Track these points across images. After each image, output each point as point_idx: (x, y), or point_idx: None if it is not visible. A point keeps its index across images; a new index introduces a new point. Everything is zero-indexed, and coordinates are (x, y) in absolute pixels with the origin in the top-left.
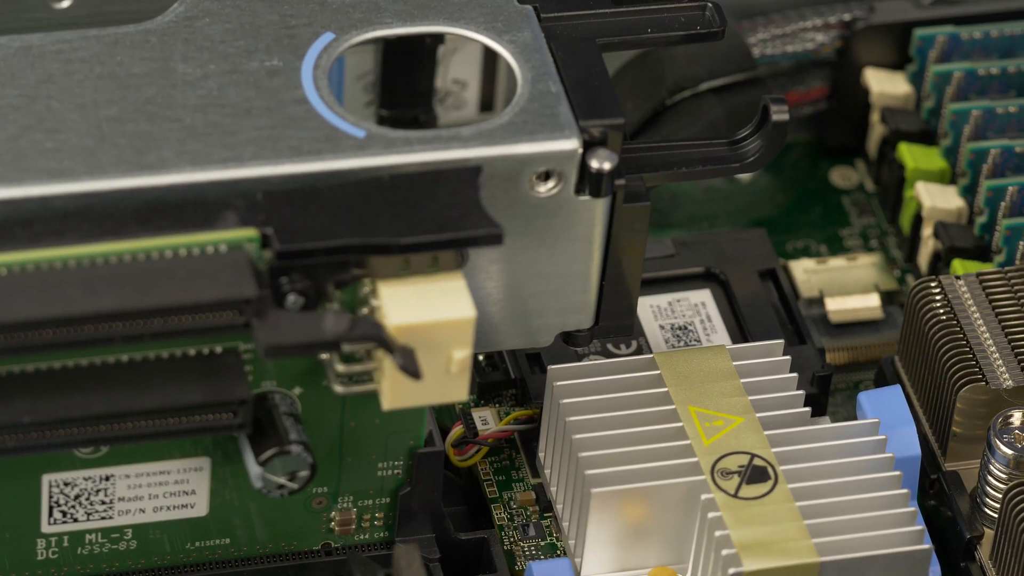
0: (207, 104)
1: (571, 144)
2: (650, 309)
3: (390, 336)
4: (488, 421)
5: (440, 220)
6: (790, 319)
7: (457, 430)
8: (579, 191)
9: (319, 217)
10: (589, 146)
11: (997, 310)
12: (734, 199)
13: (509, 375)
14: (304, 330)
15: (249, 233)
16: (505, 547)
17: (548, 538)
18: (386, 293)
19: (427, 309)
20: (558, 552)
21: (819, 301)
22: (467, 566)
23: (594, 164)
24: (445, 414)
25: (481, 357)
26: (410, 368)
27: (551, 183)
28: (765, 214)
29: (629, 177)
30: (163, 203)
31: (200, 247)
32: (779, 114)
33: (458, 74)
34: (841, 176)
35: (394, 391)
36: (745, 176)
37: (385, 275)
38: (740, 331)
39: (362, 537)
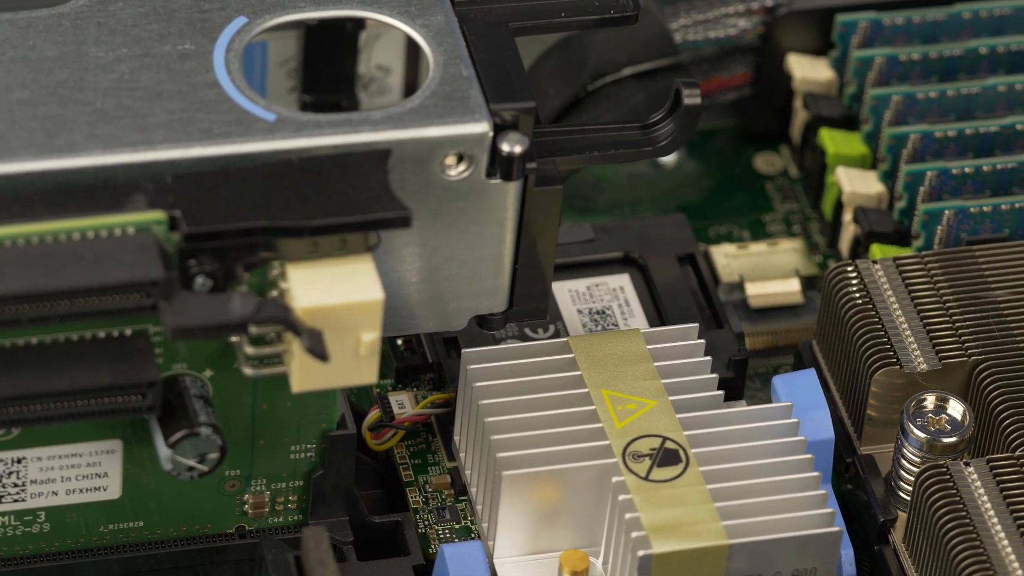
0: (119, 88)
1: (481, 127)
2: (568, 294)
3: (297, 318)
4: (405, 405)
5: (348, 203)
6: (708, 304)
7: (374, 414)
8: (490, 174)
9: (228, 200)
10: (500, 129)
11: (913, 294)
12: (658, 185)
13: (427, 359)
14: (211, 312)
15: (157, 216)
16: (420, 530)
17: (463, 521)
18: (295, 276)
19: (335, 291)
20: (472, 535)
21: (740, 286)
22: (381, 549)
23: (505, 147)
24: (363, 398)
25: (399, 341)
26: (317, 350)
27: (462, 166)
28: (689, 200)
29: (541, 161)
30: (73, 186)
31: (108, 229)
32: (691, 98)
33: (382, 60)
34: (765, 162)
35: (303, 373)
36: (669, 162)
37: (294, 258)
38: (658, 315)
39: (276, 520)
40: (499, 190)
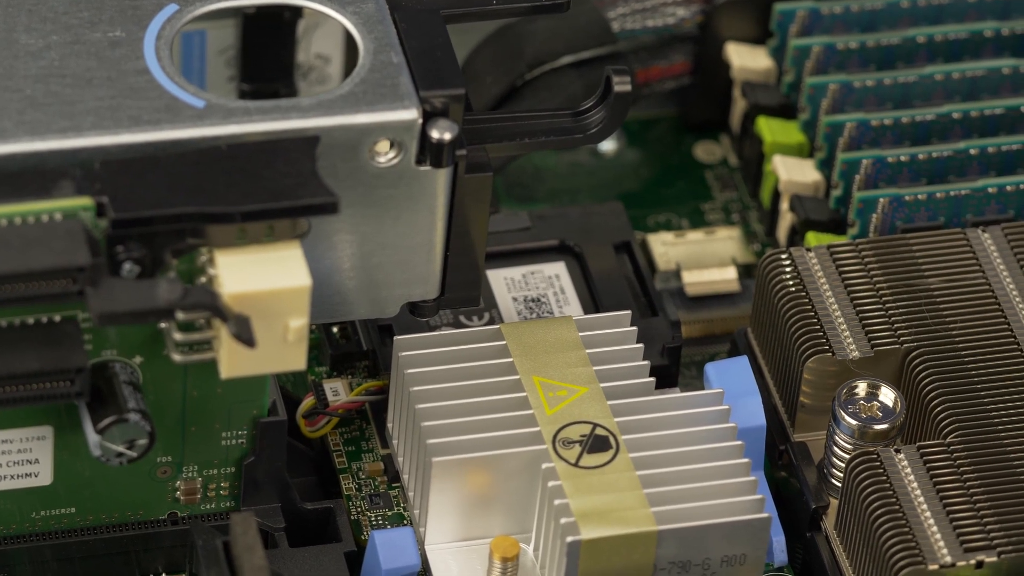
0: (48, 74)
1: (410, 114)
2: (504, 281)
3: (224, 304)
4: (339, 392)
5: (276, 189)
6: (643, 291)
7: (308, 401)
8: (420, 161)
9: (155, 186)
10: (430, 116)
11: (846, 282)
12: (598, 174)
13: (361, 346)
14: (137, 298)
15: (84, 202)
16: (352, 517)
17: (396, 508)
18: (222, 262)
19: (263, 278)
20: (405, 522)
21: (676, 274)
22: (313, 536)
23: (434, 134)
24: (299, 385)
25: (335, 329)
26: (244, 336)
27: (391, 153)
28: (629, 189)
29: (471, 148)
30: (0, 172)
31: (35, 216)
32: (622, 85)
33: (321, 49)
34: (705, 151)
35: (231, 359)
36: (609, 150)
37: (222, 244)
38: (593, 303)
39: (208, 507)
40: (429, 177)
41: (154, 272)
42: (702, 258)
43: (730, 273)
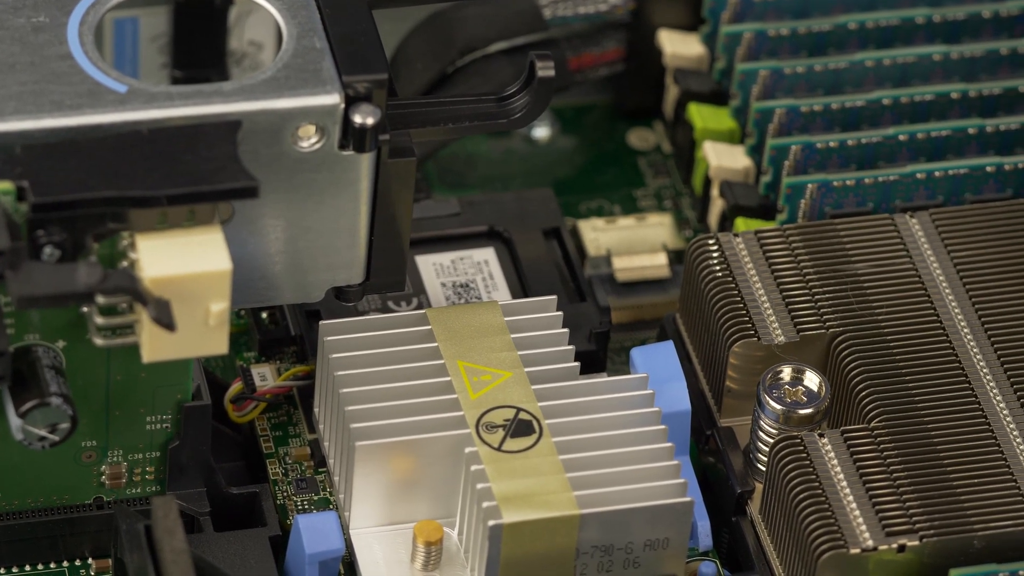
0: None
1: (332, 99)
2: (433, 267)
3: (144, 288)
4: (267, 377)
5: (196, 173)
6: (572, 277)
7: (236, 386)
8: (343, 146)
9: (76, 170)
10: (353, 101)
11: (773, 267)
12: (531, 160)
13: (290, 332)
14: (57, 281)
15: (4, 186)
16: (279, 501)
17: (322, 493)
18: (143, 246)
19: (183, 261)
20: (331, 506)
21: (607, 260)
22: (239, 520)
23: (357, 119)
24: (229, 371)
25: (264, 314)
26: (164, 320)
27: (314, 138)
28: (562, 175)
29: (395, 132)
30: None
31: None
32: (545, 70)
33: (254, 36)
34: (638, 137)
35: (153, 343)
36: (543, 137)
37: (143, 228)
38: (522, 289)
39: (134, 491)
40: (352, 162)
41: (75, 256)
42: (633, 244)
43: (660, 259)
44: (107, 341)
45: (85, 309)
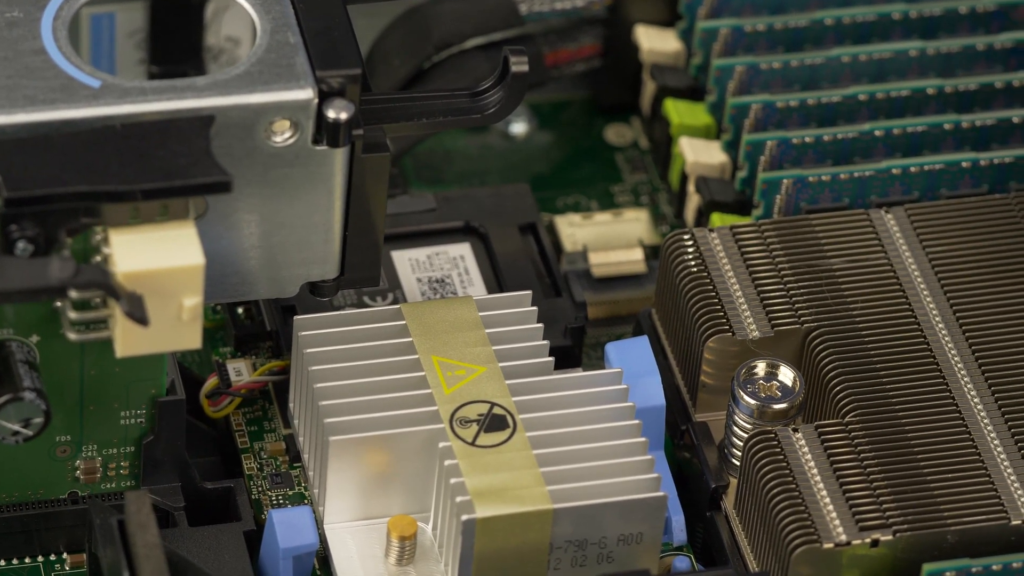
0: None
1: (306, 94)
2: (408, 262)
3: (116, 282)
4: (242, 372)
5: (169, 168)
6: (548, 272)
7: (211, 381)
8: (317, 141)
9: (49, 165)
10: (326, 96)
11: (748, 262)
12: (508, 156)
13: (265, 327)
14: (29, 276)
15: None
16: (253, 496)
17: (297, 487)
18: (116, 241)
19: (156, 256)
20: (305, 501)
21: (583, 255)
22: (214, 515)
23: (331, 114)
24: (205, 366)
25: (240, 310)
26: (136, 314)
27: (288, 133)
28: (539, 171)
29: (368, 128)
30: None
31: None
32: (518, 65)
33: (231, 32)
34: (616, 133)
35: (126, 338)
36: (520, 133)
37: (116, 223)
38: (498, 284)
39: (109, 486)
40: (326, 157)
41: (48, 251)
42: (609, 239)
43: (636, 254)
44: (80, 336)
45: (59, 304)
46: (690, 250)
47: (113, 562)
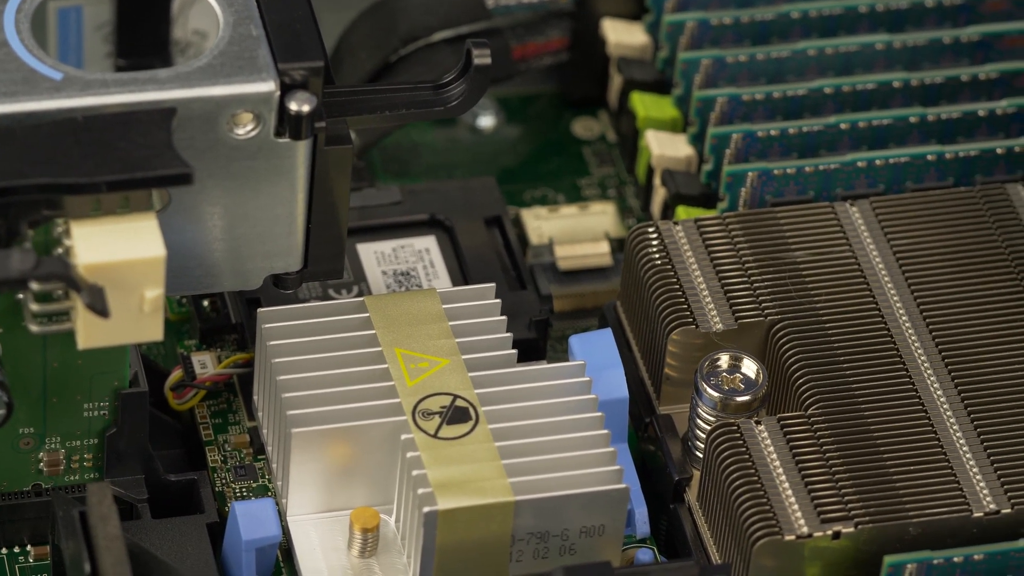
0: None
1: (268, 86)
2: (373, 255)
3: (77, 274)
4: (207, 365)
5: (131, 160)
6: (513, 265)
7: (176, 374)
8: (279, 133)
9: (10, 157)
10: (289, 88)
11: (713, 255)
12: (476, 149)
13: (230, 320)
14: None
15: None
16: (217, 488)
17: (261, 480)
18: (78, 233)
19: (117, 248)
20: (269, 493)
21: (549, 248)
22: (177, 507)
23: (293, 106)
24: (170, 358)
25: (205, 302)
26: (97, 306)
27: (250, 125)
28: (507, 164)
29: (331, 120)
30: None
31: None
32: (481, 58)
33: (198, 25)
34: (583, 127)
35: (87, 330)
36: (488, 126)
37: (77, 215)
38: (463, 277)
39: (72, 478)
40: (288, 149)
41: (10, 243)
42: (575, 232)
43: (602, 247)
44: (42, 328)
45: (20, 296)
46: (654, 243)
47: (75, 554)
